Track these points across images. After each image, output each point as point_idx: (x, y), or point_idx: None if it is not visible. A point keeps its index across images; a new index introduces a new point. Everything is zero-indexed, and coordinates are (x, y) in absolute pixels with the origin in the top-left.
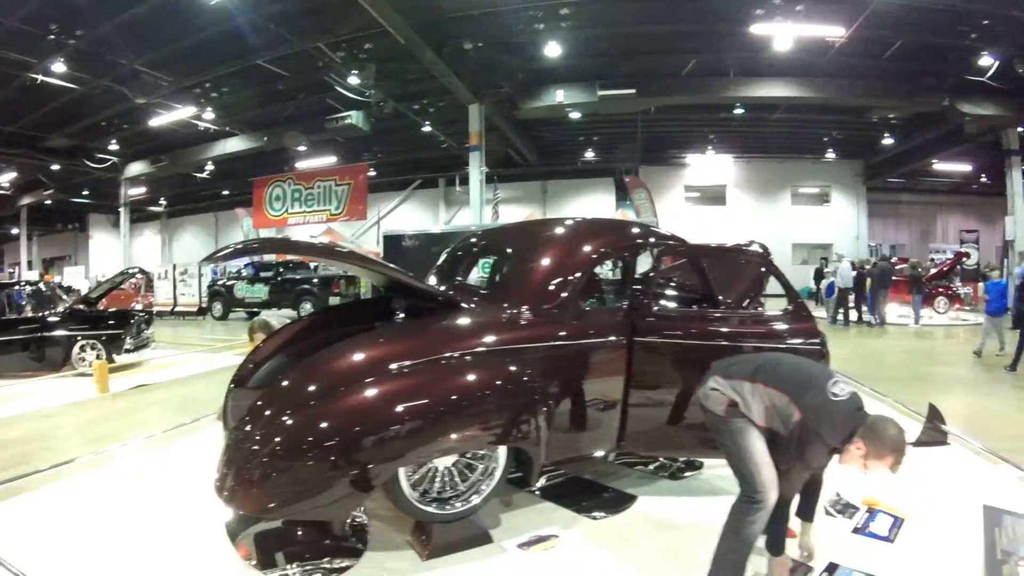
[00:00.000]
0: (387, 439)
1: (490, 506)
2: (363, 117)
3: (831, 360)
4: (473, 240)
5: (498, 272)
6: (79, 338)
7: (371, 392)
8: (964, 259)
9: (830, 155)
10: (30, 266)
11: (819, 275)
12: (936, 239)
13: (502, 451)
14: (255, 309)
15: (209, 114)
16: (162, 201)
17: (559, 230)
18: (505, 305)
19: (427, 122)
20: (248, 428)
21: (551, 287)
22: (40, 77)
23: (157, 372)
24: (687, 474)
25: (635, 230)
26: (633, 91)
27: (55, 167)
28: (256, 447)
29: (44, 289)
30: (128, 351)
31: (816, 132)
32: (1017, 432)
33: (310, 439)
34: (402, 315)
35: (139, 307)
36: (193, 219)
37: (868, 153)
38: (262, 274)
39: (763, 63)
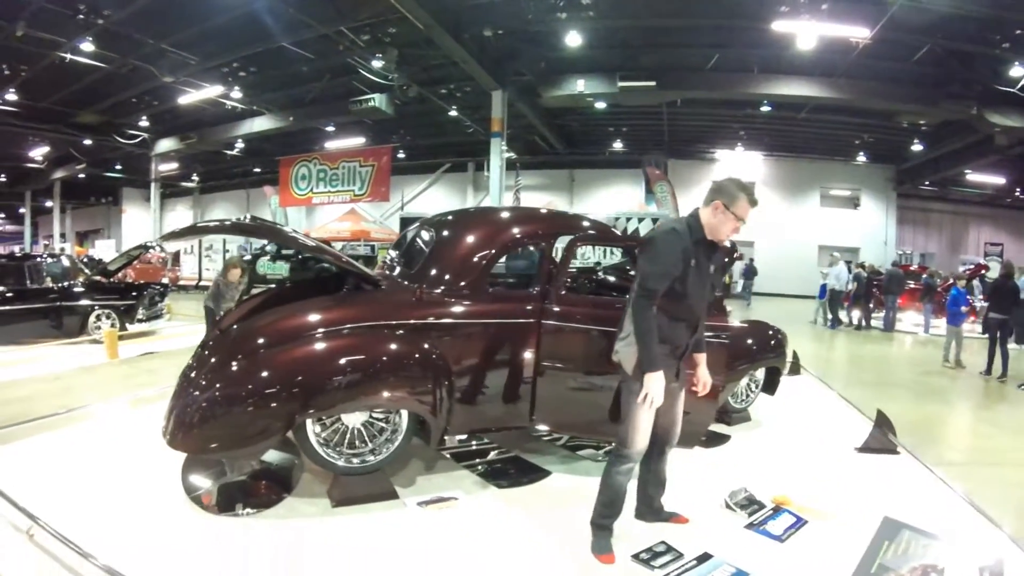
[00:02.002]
0: (294, 393)
1: (411, 468)
2: (386, 100)
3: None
4: (415, 226)
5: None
6: (96, 308)
7: (287, 352)
8: (984, 271)
9: (861, 158)
10: (63, 238)
11: (869, 282)
12: (967, 250)
13: (404, 415)
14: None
15: (236, 93)
16: (194, 177)
17: (475, 218)
18: (415, 285)
19: (453, 107)
20: (185, 383)
21: (458, 270)
22: (69, 56)
23: (167, 341)
24: None
25: (550, 219)
26: (653, 83)
27: (87, 142)
28: (190, 399)
29: (65, 261)
30: (140, 320)
31: (846, 134)
32: (974, 445)
33: (230, 391)
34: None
35: (165, 280)
36: (225, 195)
37: (899, 159)
38: (283, 251)
39: (786, 61)
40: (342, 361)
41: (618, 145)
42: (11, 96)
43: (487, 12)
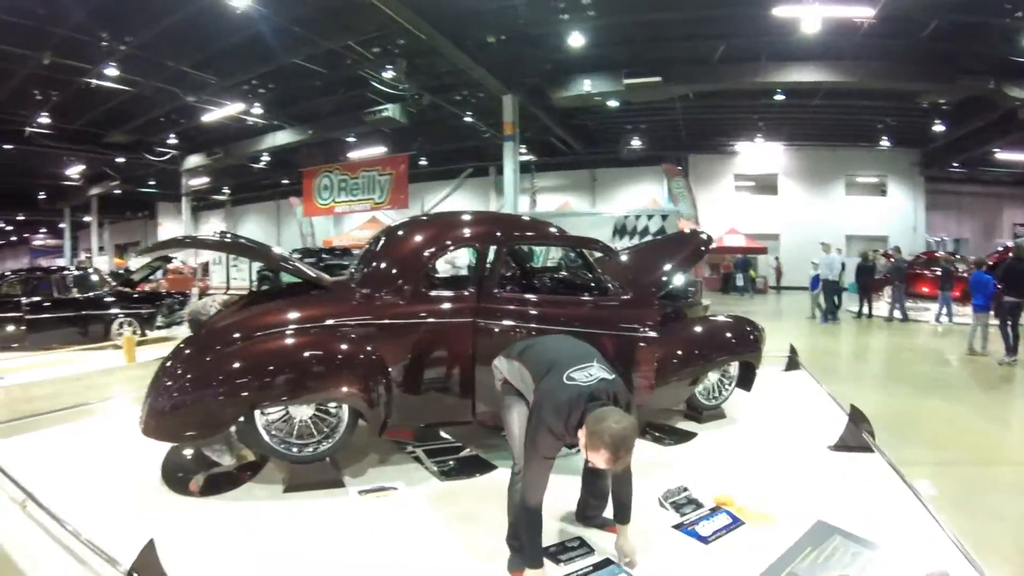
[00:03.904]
0: (239, 389)
1: (365, 459)
2: (399, 110)
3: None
4: (374, 235)
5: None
6: (119, 316)
7: (233, 352)
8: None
9: (885, 143)
10: (102, 251)
11: (861, 270)
12: (1003, 233)
13: (345, 409)
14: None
15: (257, 109)
16: (225, 190)
17: (413, 226)
18: (356, 288)
19: (468, 113)
20: (155, 380)
21: (393, 274)
22: (94, 81)
23: None
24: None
25: (484, 223)
26: (659, 79)
27: (119, 160)
28: (157, 392)
29: (92, 273)
30: (159, 327)
31: (867, 119)
32: (969, 441)
33: (186, 386)
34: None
35: (195, 290)
36: (255, 207)
37: (923, 141)
38: (306, 260)
39: (794, 47)
40: (282, 359)
41: (637, 143)
42: (44, 119)
43: (487, 19)
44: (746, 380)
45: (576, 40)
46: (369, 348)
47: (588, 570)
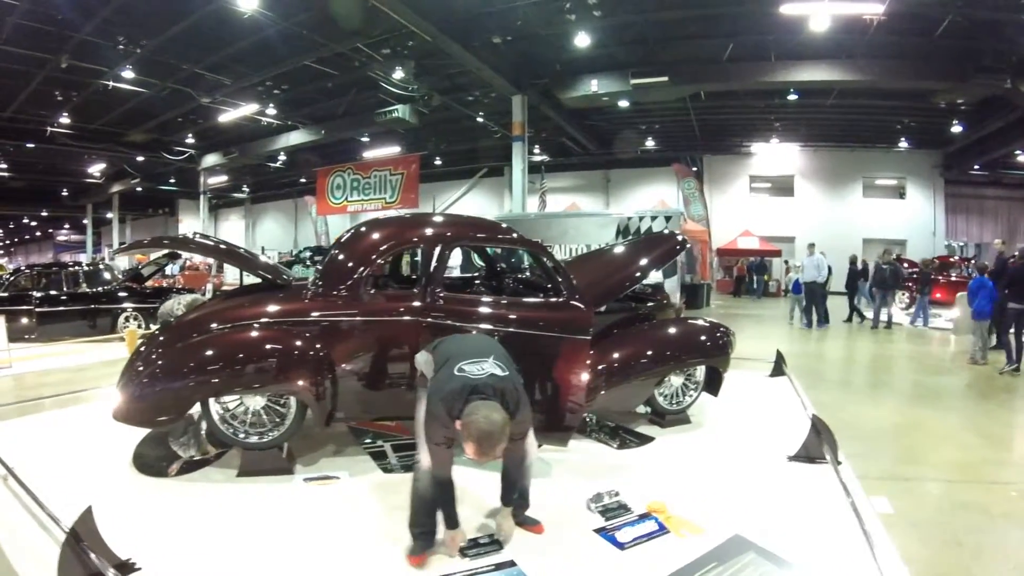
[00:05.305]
0: (191, 378)
1: (319, 451)
2: (409, 110)
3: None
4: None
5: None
6: (125, 310)
7: (192, 344)
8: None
9: (903, 144)
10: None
11: (853, 274)
12: None
13: (293, 401)
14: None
15: (271, 110)
16: (244, 188)
17: (363, 227)
18: (310, 288)
19: (480, 113)
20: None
21: (341, 274)
22: (111, 84)
23: None
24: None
25: (430, 225)
26: (665, 79)
27: (139, 158)
28: (125, 383)
29: (101, 269)
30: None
31: (884, 120)
32: (945, 457)
33: (148, 374)
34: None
35: (209, 287)
36: (274, 205)
37: (943, 143)
38: (316, 257)
39: (803, 46)
40: (231, 352)
41: (651, 143)
42: (65, 119)
43: (493, 20)
44: (713, 385)
45: (583, 40)
46: (315, 344)
47: (489, 569)
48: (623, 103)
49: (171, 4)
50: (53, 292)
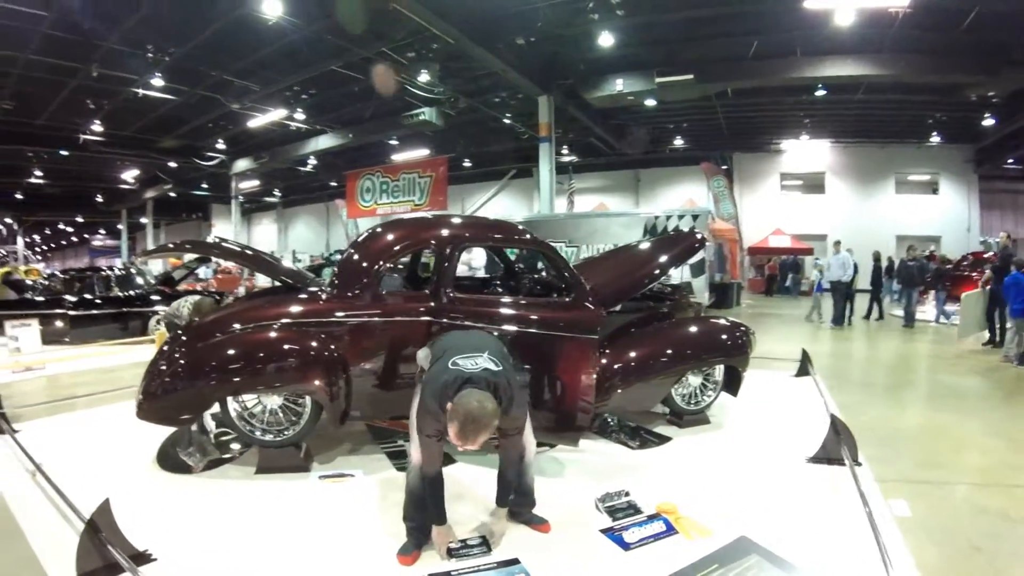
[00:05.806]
0: (212, 378)
1: (335, 449)
2: (435, 113)
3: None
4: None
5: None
6: (157, 313)
7: (211, 344)
8: None
9: (935, 139)
10: None
11: (878, 271)
12: None
13: (308, 400)
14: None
15: (299, 115)
16: (276, 192)
17: (377, 229)
18: (325, 289)
19: (507, 115)
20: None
21: (353, 275)
22: (141, 91)
23: None
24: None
25: (442, 227)
26: (691, 76)
27: (171, 164)
28: (148, 383)
29: (133, 274)
30: None
31: (915, 114)
32: (969, 461)
33: (170, 374)
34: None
35: (242, 289)
36: (306, 208)
37: (976, 137)
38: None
39: (829, 41)
40: (250, 352)
41: (679, 142)
42: (97, 127)
43: (516, 21)
44: (732, 385)
45: (606, 40)
46: (329, 344)
47: (492, 566)
48: (649, 102)
49: (196, 12)
50: (87, 296)
